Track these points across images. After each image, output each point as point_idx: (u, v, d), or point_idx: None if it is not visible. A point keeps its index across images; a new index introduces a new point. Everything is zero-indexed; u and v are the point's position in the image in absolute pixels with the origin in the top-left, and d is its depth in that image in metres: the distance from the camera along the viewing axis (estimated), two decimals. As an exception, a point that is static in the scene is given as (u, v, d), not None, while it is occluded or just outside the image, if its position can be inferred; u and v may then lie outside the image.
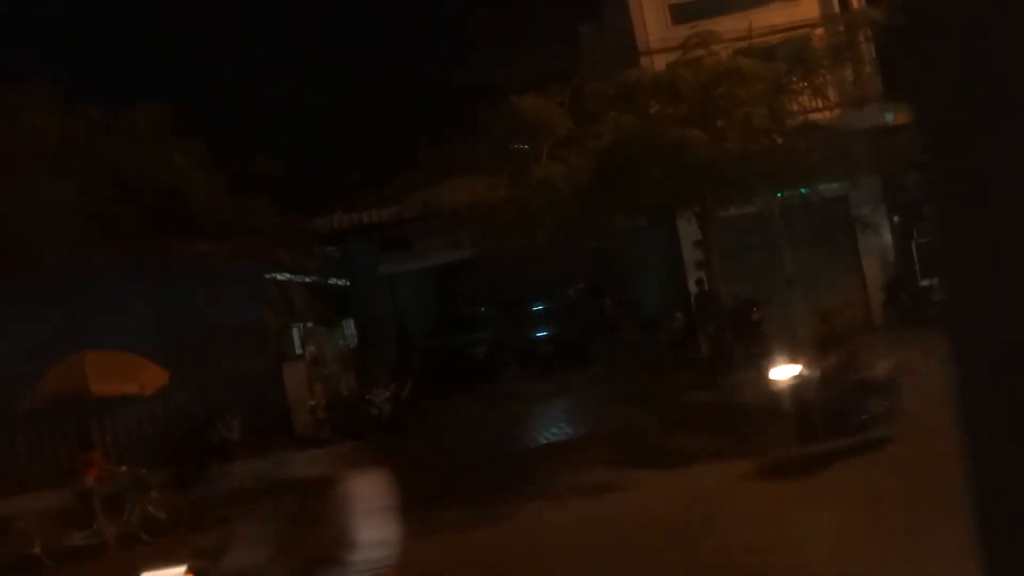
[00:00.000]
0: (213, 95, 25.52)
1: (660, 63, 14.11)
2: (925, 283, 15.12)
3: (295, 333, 16.98)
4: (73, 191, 12.43)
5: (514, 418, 14.11)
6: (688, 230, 15.30)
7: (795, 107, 12.48)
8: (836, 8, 17.18)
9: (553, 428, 12.78)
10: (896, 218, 16.89)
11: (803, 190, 13.30)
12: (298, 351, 16.40)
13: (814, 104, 12.87)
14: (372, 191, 19.28)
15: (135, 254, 14.13)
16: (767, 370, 9.86)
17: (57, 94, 13.17)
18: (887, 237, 16.47)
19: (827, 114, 13.28)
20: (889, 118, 15.10)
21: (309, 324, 17.70)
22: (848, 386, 8.68)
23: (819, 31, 14.34)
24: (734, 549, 6.42)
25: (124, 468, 10.62)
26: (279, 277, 17.05)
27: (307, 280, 19.09)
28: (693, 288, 15.84)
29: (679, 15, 17.31)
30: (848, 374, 8.80)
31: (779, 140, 11.75)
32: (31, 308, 13.26)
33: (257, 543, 4.82)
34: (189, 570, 5.28)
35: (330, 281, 21.03)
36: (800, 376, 9.23)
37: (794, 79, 11.97)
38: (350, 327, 20.80)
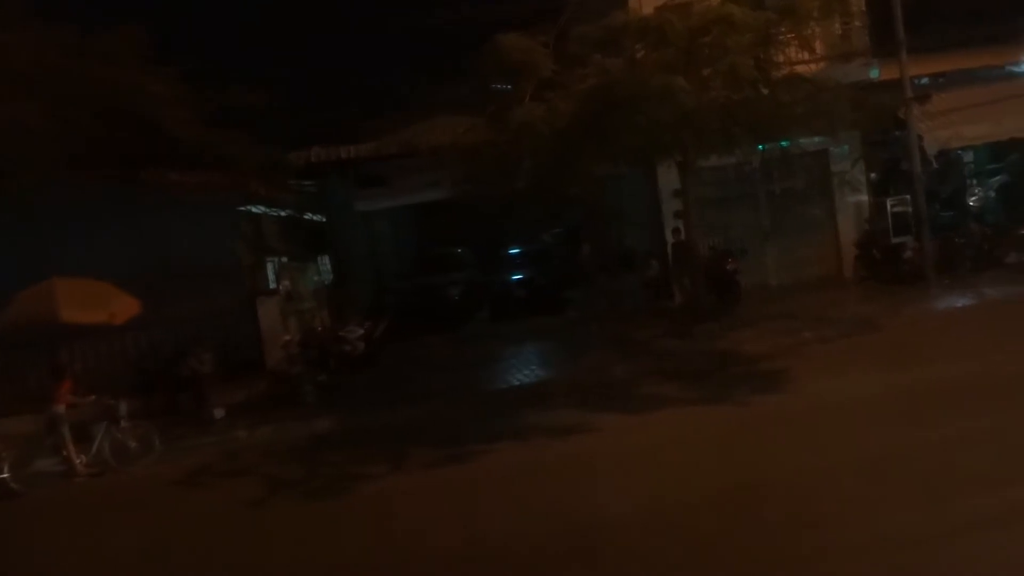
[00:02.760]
0: (192, 23, 24.73)
1: (648, 7, 13.87)
2: (897, 240, 15.30)
3: (269, 268, 16.86)
4: (44, 114, 12.06)
5: (486, 359, 14.22)
6: (668, 179, 15.29)
7: (781, 58, 12.38)
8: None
9: (524, 370, 12.91)
10: (873, 175, 16.99)
11: (784, 143, 13.30)
12: (272, 286, 16.31)
13: (800, 56, 12.77)
14: (352, 127, 18.96)
15: (107, 182, 13.85)
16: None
17: (27, 13, 12.67)
18: (864, 194, 16.59)
19: (812, 67, 13.19)
20: (874, 74, 15.07)
21: (284, 259, 17.57)
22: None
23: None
24: (698, 487, 6.59)
25: (93, 397, 10.61)
26: (254, 210, 16.84)
27: (283, 215, 18.88)
28: (670, 237, 15.90)
29: (670, -42, 16.95)
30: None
31: (764, 91, 11.69)
32: (-1, 234, 13.04)
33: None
34: None
35: (306, 216, 20.82)
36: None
37: (782, 30, 11.85)
38: (326, 263, 20.69)
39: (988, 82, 15.73)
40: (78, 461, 10.21)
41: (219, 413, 12.42)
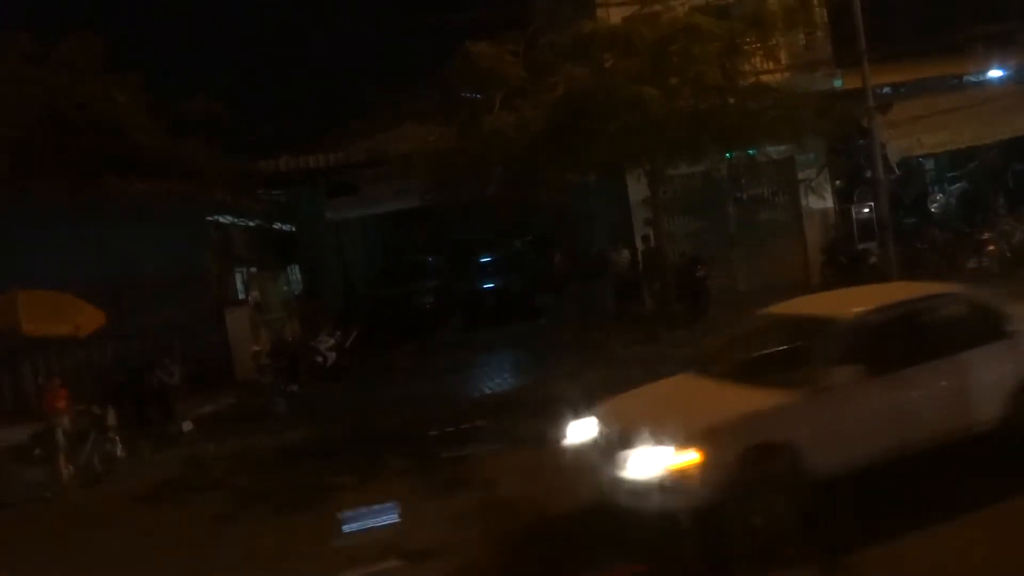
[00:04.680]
0: (155, 32, 24.49)
1: (616, 16, 14.01)
2: (862, 246, 15.56)
3: (238, 278, 16.70)
4: (3, 122, 11.86)
5: (457, 368, 14.20)
6: (637, 187, 15.41)
7: (748, 68, 12.57)
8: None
9: (496, 378, 12.90)
10: (838, 182, 17.27)
11: (751, 151, 13.48)
12: (241, 296, 16.16)
13: (766, 65, 12.97)
14: (321, 136, 18.86)
15: (70, 191, 13.62)
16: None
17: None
18: (829, 201, 16.85)
19: (778, 76, 13.41)
20: (838, 83, 15.35)
21: (253, 269, 17.42)
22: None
23: (774, -8, 14.40)
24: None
25: (81, 407, 10.46)
26: (222, 220, 16.68)
27: (251, 224, 18.72)
28: (640, 244, 16.02)
29: (637, -32, 17.14)
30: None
31: (731, 100, 11.86)
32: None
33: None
34: None
35: (275, 226, 20.66)
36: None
37: (748, 40, 12.03)
38: (296, 273, 20.54)
39: (948, 91, 16.09)
40: (66, 471, 10.02)
41: (187, 426, 12.22)
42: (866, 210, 15.69)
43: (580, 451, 6.36)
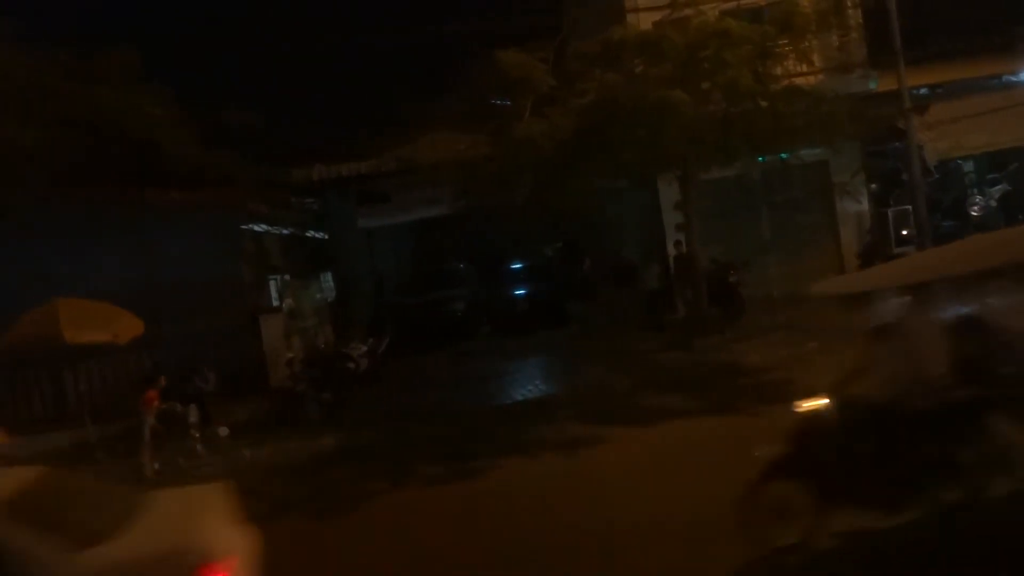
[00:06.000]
0: (189, 45, 24.91)
1: (646, 22, 13.96)
2: (899, 251, 15.30)
3: (272, 286, 16.89)
4: (42, 137, 12.13)
5: (489, 375, 14.20)
6: (668, 192, 15.33)
7: (780, 71, 12.44)
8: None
9: (528, 385, 12.88)
10: (874, 185, 17.02)
11: (784, 155, 13.33)
12: (275, 304, 16.33)
13: (799, 68, 12.83)
14: (353, 144, 19.05)
15: (107, 203, 13.89)
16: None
17: (25, 36, 12.79)
18: (864, 204, 16.61)
19: (811, 79, 13.25)
20: (873, 85, 15.14)
21: (286, 277, 17.60)
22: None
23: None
24: (700, 499, 6.54)
25: (165, 405, 10.85)
26: (256, 229, 16.89)
27: (284, 232, 18.93)
28: (671, 250, 15.91)
29: (667, -27, 17.06)
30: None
31: (763, 103, 11.74)
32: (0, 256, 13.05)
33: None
34: None
35: (308, 234, 20.87)
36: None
37: (780, 43, 11.91)
38: (328, 281, 20.71)
39: (987, 92, 15.78)
40: (154, 467, 10.27)
41: (223, 431, 12.37)
42: (903, 214, 15.42)
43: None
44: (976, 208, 18.00)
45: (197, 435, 10.91)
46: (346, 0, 43.38)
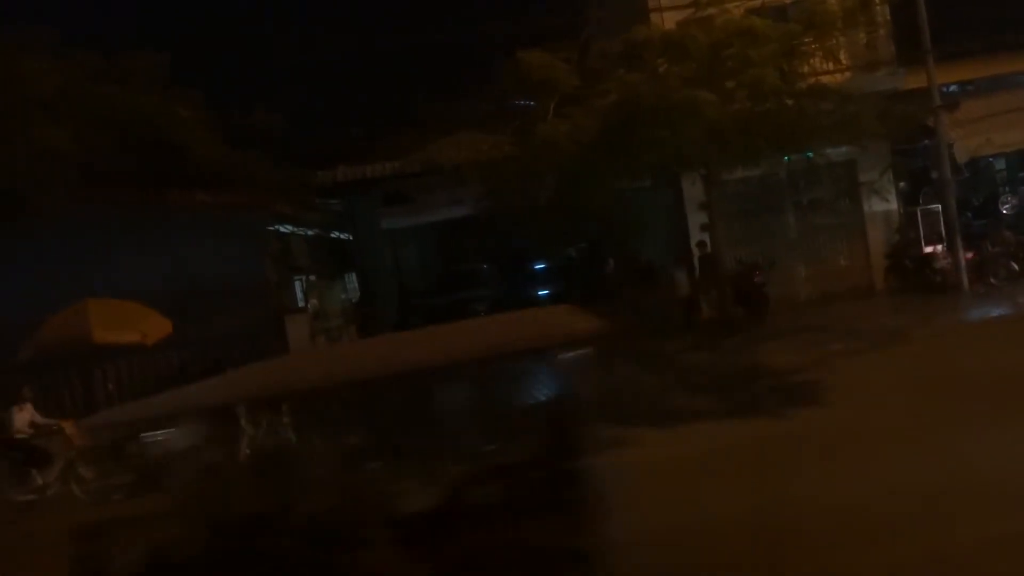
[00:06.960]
0: (215, 47, 25.17)
1: (670, 21, 13.88)
2: (928, 250, 15.07)
3: (297, 286, 17.02)
4: (71, 138, 12.30)
5: (513, 375, 14.17)
6: (693, 192, 15.22)
7: (806, 69, 12.31)
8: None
9: (548, 387, 12.84)
10: (902, 184, 16.78)
11: (810, 154, 13.19)
12: (300, 304, 16.46)
13: (825, 67, 12.69)
14: (377, 145, 19.14)
15: (135, 204, 14.07)
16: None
17: (54, 38, 12.97)
18: (893, 203, 16.38)
19: (838, 77, 13.10)
20: (900, 83, 14.93)
21: (311, 277, 17.73)
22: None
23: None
24: (738, 502, 6.43)
25: None
26: (281, 230, 17.04)
27: (309, 233, 19.08)
28: (696, 250, 15.79)
29: (691, -29, 16.97)
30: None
31: (788, 102, 11.62)
32: (30, 257, 13.24)
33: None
34: None
35: (333, 235, 21.02)
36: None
37: (806, 41, 11.78)
38: (352, 281, 20.84)
39: (1019, 88, 15.50)
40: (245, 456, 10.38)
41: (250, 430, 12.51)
42: (932, 213, 15.19)
43: None
44: (1008, 207, 17.69)
45: (288, 424, 10.80)
46: (371, 2, 43.66)
